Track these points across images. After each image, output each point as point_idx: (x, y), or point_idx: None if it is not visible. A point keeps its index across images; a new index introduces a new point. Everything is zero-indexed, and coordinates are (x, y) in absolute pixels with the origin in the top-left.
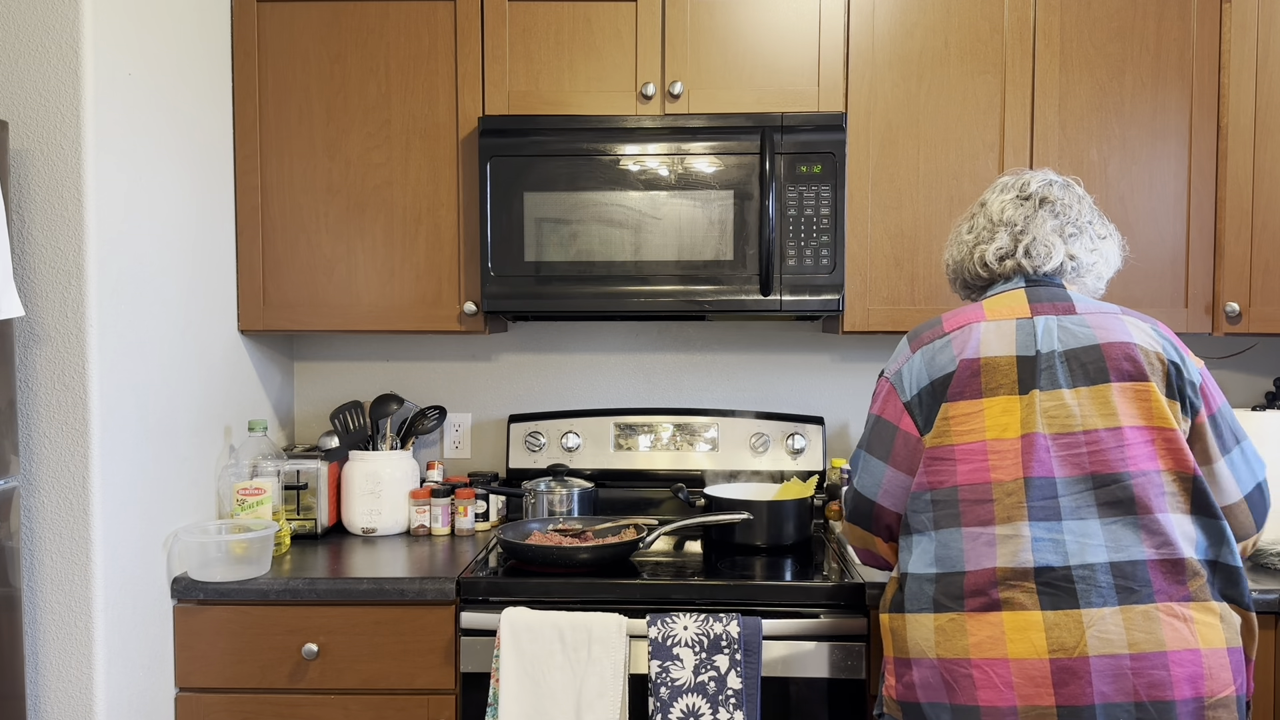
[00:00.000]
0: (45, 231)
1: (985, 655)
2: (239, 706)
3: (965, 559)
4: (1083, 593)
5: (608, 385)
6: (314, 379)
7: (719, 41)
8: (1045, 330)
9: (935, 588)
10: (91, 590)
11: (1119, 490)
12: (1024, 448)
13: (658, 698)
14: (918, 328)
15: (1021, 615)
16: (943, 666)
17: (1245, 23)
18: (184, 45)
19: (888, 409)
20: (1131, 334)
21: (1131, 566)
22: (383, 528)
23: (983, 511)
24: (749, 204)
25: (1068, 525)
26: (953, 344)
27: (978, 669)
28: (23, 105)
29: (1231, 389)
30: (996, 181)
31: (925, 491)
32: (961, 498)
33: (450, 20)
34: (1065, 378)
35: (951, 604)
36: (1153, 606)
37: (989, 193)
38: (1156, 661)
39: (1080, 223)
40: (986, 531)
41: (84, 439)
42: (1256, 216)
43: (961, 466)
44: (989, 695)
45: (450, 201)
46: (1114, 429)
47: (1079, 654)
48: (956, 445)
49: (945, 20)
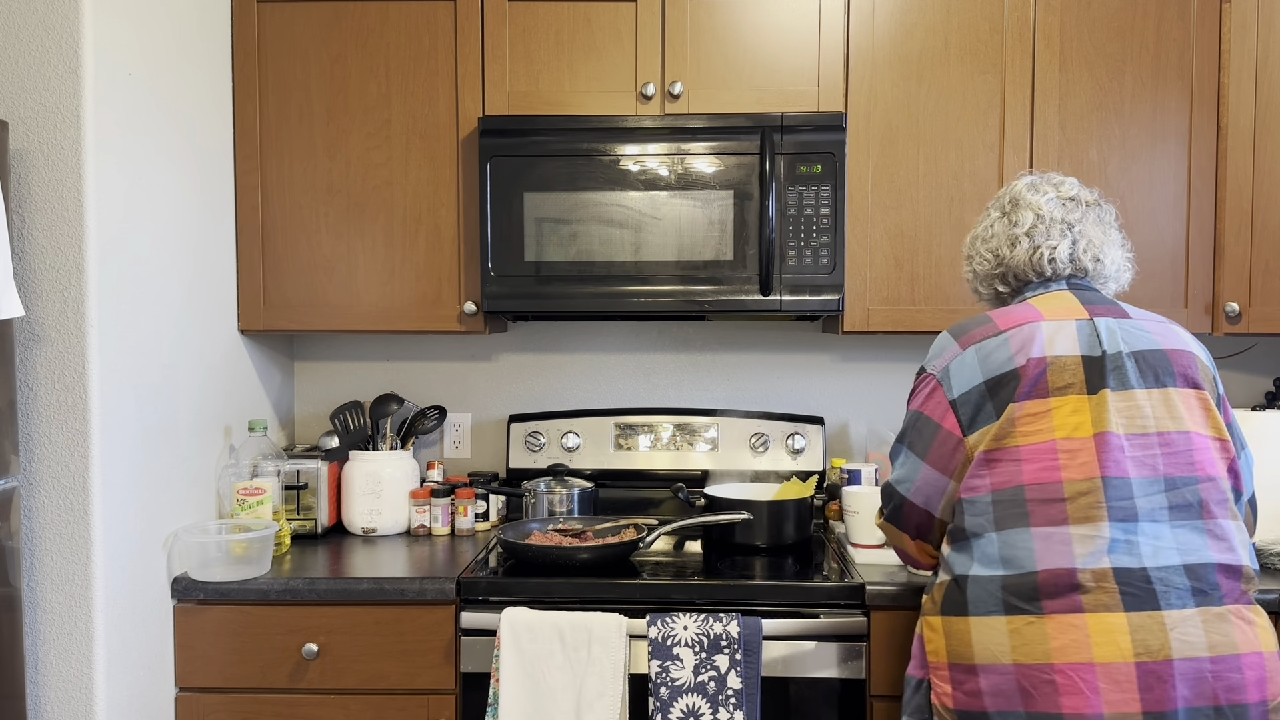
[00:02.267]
0: (45, 231)
1: (1069, 660)
2: (239, 706)
3: (1036, 559)
4: (1162, 594)
5: (608, 385)
6: (314, 379)
7: (719, 41)
8: (1109, 332)
9: (1004, 589)
10: (91, 590)
11: (1189, 494)
12: (1098, 447)
13: (658, 697)
14: (963, 324)
15: (1106, 617)
16: (1020, 673)
17: (1245, 23)
18: (184, 45)
19: (931, 405)
20: (1187, 342)
21: (1203, 569)
22: (383, 528)
23: (1054, 511)
24: (749, 204)
25: (1143, 527)
26: (1010, 342)
27: (1061, 674)
28: (23, 105)
29: (1231, 389)
30: (1019, 181)
31: (985, 494)
32: (1029, 497)
33: (450, 20)
34: (1136, 378)
35: (1027, 606)
36: (1225, 609)
37: (1022, 191)
38: (1232, 664)
39: (1112, 229)
40: (1060, 531)
41: (84, 439)
42: (1256, 216)
43: (1028, 466)
44: (1074, 702)
45: (450, 201)
46: (1184, 432)
47: (1163, 657)
48: (1022, 446)
49: (945, 20)
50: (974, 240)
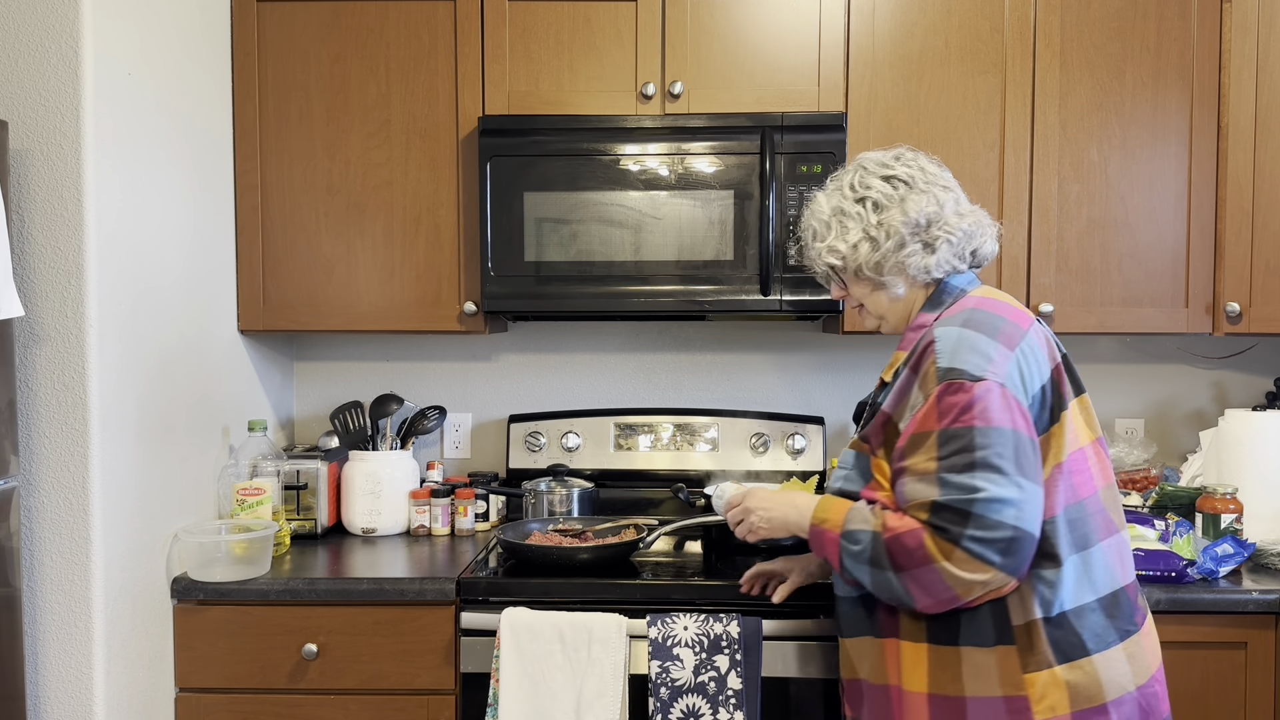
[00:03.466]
0: (45, 231)
1: (1157, 665)
2: (239, 707)
3: (1116, 573)
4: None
5: (608, 385)
6: (314, 379)
7: (719, 41)
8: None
9: (1106, 614)
10: (91, 590)
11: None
12: (1098, 451)
13: (658, 698)
14: (984, 318)
15: (1150, 619)
16: (1140, 695)
17: (1245, 23)
18: (184, 45)
19: (1018, 419)
20: None
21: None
22: (383, 528)
23: (1104, 521)
24: (749, 204)
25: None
26: (1037, 341)
27: (1158, 683)
28: (23, 105)
29: (1231, 389)
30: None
31: (1059, 512)
32: (1090, 510)
33: (450, 20)
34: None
35: (1130, 626)
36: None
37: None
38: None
39: None
40: (1116, 539)
41: (84, 439)
42: (1257, 216)
43: (1076, 478)
44: (1167, 706)
45: (450, 201)
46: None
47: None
48: (1066, 456)
49: (945, 20)
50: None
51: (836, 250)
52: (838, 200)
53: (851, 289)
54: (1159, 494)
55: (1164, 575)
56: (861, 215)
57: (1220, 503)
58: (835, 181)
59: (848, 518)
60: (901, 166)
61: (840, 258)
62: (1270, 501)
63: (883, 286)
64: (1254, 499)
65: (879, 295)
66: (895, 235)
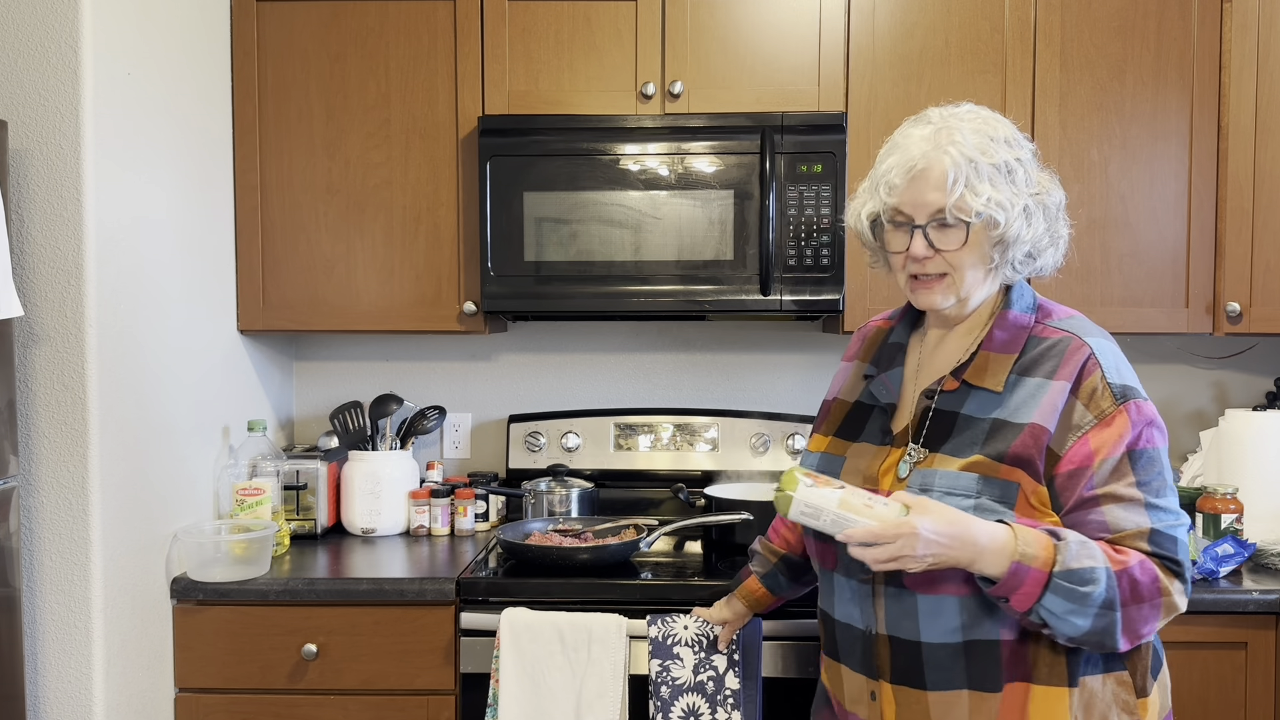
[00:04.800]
0: (45, 231)
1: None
2: (238, 707)
3: None
4: None
5: (608, 385)
6: (313, 379)
7: (719, 41)
8: None
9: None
10: (91, 590)
11: None
12: None
13: (658, 697)
14: (1092, 323)
15: None
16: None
17: (1246, 23)
18: (184, 45)
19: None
20: None
21: None
22: (382, 528)
23: None
24: (749, 204)
25: None
26: None
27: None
28: (22, 105)
29: (1232, 389)
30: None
31: None
32: None
33: (450, 20)
34: None
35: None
36: None
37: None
38: None
39: None
40: None
41: (83, 439)
42: (1257, 216)
43: None
44: None
45: (450, 201)
46: None
47: None
48: None
49: (945, 20)
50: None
51: (1003, 207)
52: (1002, 152)
53: (964, 254)
54: None
55: None
56: (1025, 179)
57: (1220, 503)
58: (978, 123)
59: (1065, 552)
60: (1027, 140)
61: (1005, 217)
62: (1270, 501)
63: (1006, 264)
64: (1254, 499)
65: (985, 275)
66: (1044, 217)
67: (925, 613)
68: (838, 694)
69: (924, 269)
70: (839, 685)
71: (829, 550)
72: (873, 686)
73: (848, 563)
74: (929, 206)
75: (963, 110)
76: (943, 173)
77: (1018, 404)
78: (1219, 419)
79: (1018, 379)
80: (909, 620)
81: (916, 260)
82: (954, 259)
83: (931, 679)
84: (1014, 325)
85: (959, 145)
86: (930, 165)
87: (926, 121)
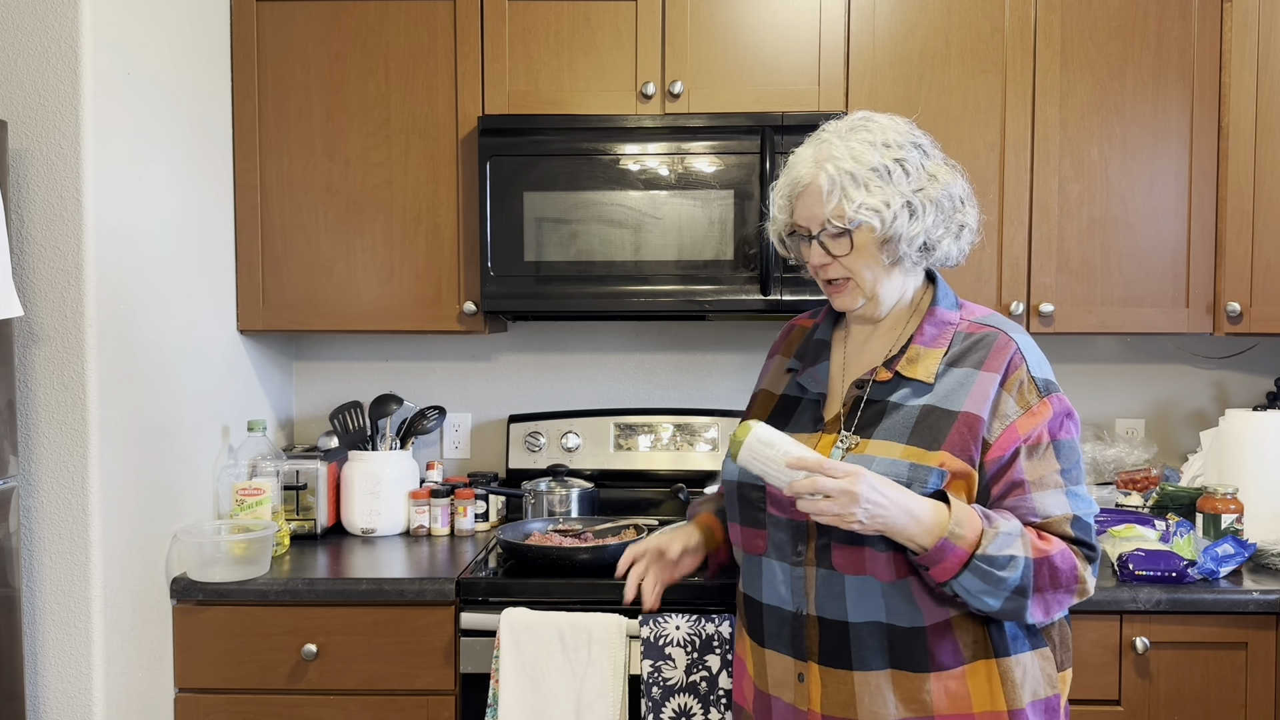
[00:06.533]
0: (45, 231)
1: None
2: (238, 707)
3: None
4: None
5: (608, 385)
6: (313, 379)
7: (719, 41)
8: None
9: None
10: (90, 590)
11: None
12: None
13: (650, 697)
14: (1010, 320)
15: None
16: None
17: (1246, 22)
18: (183, 44)
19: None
20: None
21: None
22: (382, 528)
23: None
24: (749, 203)
25: None
26: None
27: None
28: (22, 105)
29: (1232, 389)
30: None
31: None
32: None
33: (450, 20)
34: None
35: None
36: None
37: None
38: None
39: None
40: None
41: (83, 439)
42: (1258, 216)
43: None
44: None
45: (450, 201)
46: None
47: None
48: None
49: (946, 20)
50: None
51: (877, 210)
52: (876, 156)
53: (855, 258)
54: (1159, 494)
55: (1164, 575)
56: (904, 178)
57: (1221, 503)
58: (859, 133)
59: (990, 537)
60: (923, 135)
61: (880, 219)
62: (1271, 501)
63: (899, 264)
64: (1254, 499)
65: (886, 273)
66: (934, 210)
67: (852, 594)
68: (760, 680)
69: (828, 274)
70: (762, 670)
71: (758, 536)
72: (801, 668)
73: (779, 544)
74: (817, 219)
75: (855, 119)
76: (818, 187)
77: (947, 391)
78: (1219, 419)
79: (946, 369)
80: (836, 601)
81: (818, 267)
82: (849, 263)
83: (857, 659)
84: (942, 321)
85: (835, 160)
86: (810, 181)
87: (816, 139)
